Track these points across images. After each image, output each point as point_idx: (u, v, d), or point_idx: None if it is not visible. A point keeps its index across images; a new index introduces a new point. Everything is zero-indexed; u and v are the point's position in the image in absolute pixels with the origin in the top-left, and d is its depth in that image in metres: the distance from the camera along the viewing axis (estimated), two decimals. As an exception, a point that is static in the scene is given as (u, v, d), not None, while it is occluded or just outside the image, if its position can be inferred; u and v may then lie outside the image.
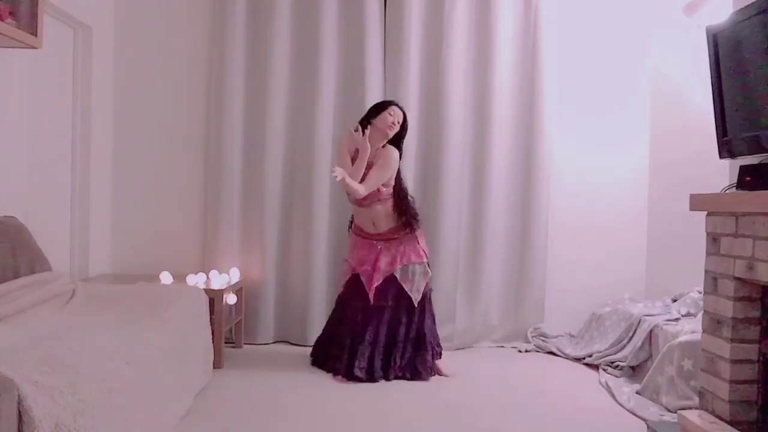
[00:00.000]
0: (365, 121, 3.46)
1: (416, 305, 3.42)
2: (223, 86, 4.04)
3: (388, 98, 4.08)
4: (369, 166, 3.40)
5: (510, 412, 2.92)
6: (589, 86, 4.31)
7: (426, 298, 3.50)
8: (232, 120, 4.05)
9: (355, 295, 3.46)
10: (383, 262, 3.42)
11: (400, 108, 3.50)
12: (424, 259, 3.48)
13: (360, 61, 4.06)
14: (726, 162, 2.61)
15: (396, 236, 3.46)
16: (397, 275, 3.41)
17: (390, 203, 3.46)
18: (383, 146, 3.46)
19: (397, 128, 3.46)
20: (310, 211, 4.05)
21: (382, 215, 3.45)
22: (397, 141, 3.50)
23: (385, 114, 3.43)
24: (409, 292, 3.41)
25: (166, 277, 3.71)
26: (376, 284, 3.39)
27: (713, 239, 2.44)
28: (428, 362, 3.41)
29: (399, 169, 3.49)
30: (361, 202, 3.43)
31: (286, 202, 4.13)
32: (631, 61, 4.33)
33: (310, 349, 3.92)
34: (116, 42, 4.10)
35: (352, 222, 3.63)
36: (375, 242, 3.47)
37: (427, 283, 3.50)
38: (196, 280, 3.67)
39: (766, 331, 2.30)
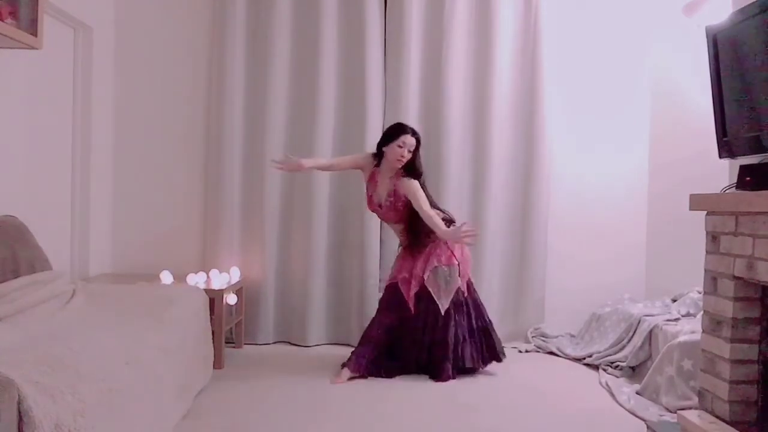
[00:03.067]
0: (380, 147, 3.42)
1: (442, 312, 3.37)
2: (223, 86, 4.04)
3: (389, 97, 4.12)
4: (396, 198, 3.40)
5: (510, 412, 2.92)
6: (589, 86, 4.31)
7: (458, 306, 3.43)
8: (232, 120, 4.05)
9: (391, 303, 3.44)
10: (419, 268, 3.42)
11: (414, 134, 3.37)
12: (455, 262, 3.41)
13: (360, 62, 4.06)
14: (726, 162, 2.61)
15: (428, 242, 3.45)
16: (426, 278, 3.38)
17: (401, 226, 3.52)
18: (398, 177, 3.37)
19: (406, 159, 3.33)
20: (311, 210, 4.05)
21: (398, 232, 3.57)
22: (410, 166, 3.36)
23: (393, 146, 3.32)
24: (435, 299, 3.37)
25: (166, 277, 3.71)
26: (414, 291, 3.38)
27: (713, 238, 2.45)
28: (446, 370, 3.36)
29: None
30: (385, 218, 3.58)
31: (287, 201, 4.13)
32: (631, 61, 4.33)
33: (309, 348, 3.95)
34: (116, 42, 4.10)
35: None
36: (413, 251, 3.47)
37: (459, 289, 3.41)
38: (196, 279, 3.67)
39: (766, 331, 2.30)
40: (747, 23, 2.32)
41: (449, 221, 3.44)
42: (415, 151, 3.38)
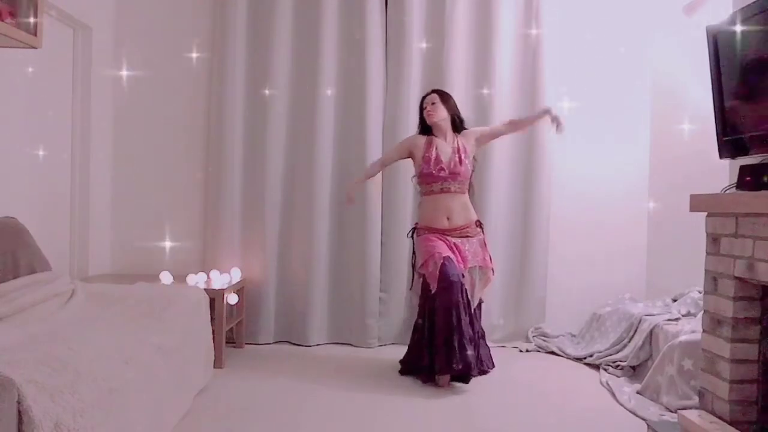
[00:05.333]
0: (422, 122, 3.53)
1: (473, 307, 3.36)
2: (223, 86, 4.04)
3: (390, 98, 4.12)
4: (465, 152, 3.45)
5: (510, 412, 2.92)
6: (589, 86, 4.30)
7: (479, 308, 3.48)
8: (232, 119, 4.05)
9: (446, 289, 3.21)
10: (460, 255, 3.35)
11: (433, 91, 3.53)
12: (489, 265, 3.46)
13: (361, 62, 4.06)
14: (726, 162, 2.60)
15: (468, 234, 3.43)
16: (465, 274, 3.34)
17: (466, 196, 3.49)
18: (455, 136, 3.50)
19: (436, 110, 3.45)
20: (311, 210, 4.05)
21: (460, 208, 3.43)
22: (457, 123, 3.52)
23: (422, 112, 3.50)
24: (469, 295, 3.33)
25: (166, 277, 3.71)
26: (466, 268, 3.34)
27: (713, 239, 2.44)
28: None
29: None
30: (449, 189, 3.40)
31: (287, 201, 4.13)
32: (631, 61, 4.32)
33: (310, 348, 3.95)
34: (116, 42, 4.10)
35: (414, 228, 3.56)
36: (448, 238, 3.39)
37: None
38: (196, 279, 3.67)
39: (766, 331, 2.29)
40: (747, 23, 2.32)
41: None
42: (446, 104, 3.49)
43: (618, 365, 3.50)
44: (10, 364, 1.67)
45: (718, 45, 2.50)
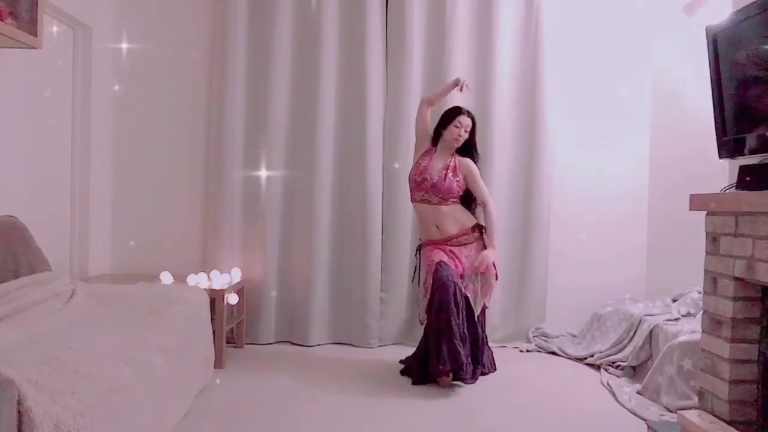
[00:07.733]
0: (437, 131, 3.47)
1: (475, 315, 3.33)
2: (224, 85, 4.04)
3: (390, 98, 4.12)
4: (454, 172, 3.41)
5: (511, 412, 2.92)
6: (590, 86, 4.30)
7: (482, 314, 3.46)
8: (233, 119, 4.05)
9: (438, 285, 3.20)
10: (466, 263, 3.36)
11: (469, 115, 3.45)
12: (492, 271, 3.41)
13: (361, 62, 4.06)
14: (726, 162, 2.60)
15: (465, 241, 3.42)
16: (468, 279, 3.34)
17: (456, 206, 3.44)
18: (454, 155, 3.45)
19: (463, 138, 3.42)
20: (312, 210, 4.05)
21: (448, 217, 3.41)
22: (467, 146, 3.47)
23: (451, 127, 3.40)
24: (471, 302, 3.31)
25: (166, 277, 3.71)
26: (464, 275, 3.33)
27: (713, 239, 2.44)
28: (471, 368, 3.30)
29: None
30: (429, 201, 3.41)
31: (288, 201, 4.13)
32: (631, 61, 4.32)
33: (311, 348, 3.94)
34: (116, 42, 4.10)
35: (420, 246, 3.58)
36: (448, 247, 3.40)
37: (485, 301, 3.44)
38: (196, 280, 3.66)
39: (766, 331, 2.29)
40: (747, 23, 2.32)
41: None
42: (472, 132, 3.47)
43: (618, 365, 3.50)
44: (10, 364, 1.68)
45: (717, 45, 2.50)
